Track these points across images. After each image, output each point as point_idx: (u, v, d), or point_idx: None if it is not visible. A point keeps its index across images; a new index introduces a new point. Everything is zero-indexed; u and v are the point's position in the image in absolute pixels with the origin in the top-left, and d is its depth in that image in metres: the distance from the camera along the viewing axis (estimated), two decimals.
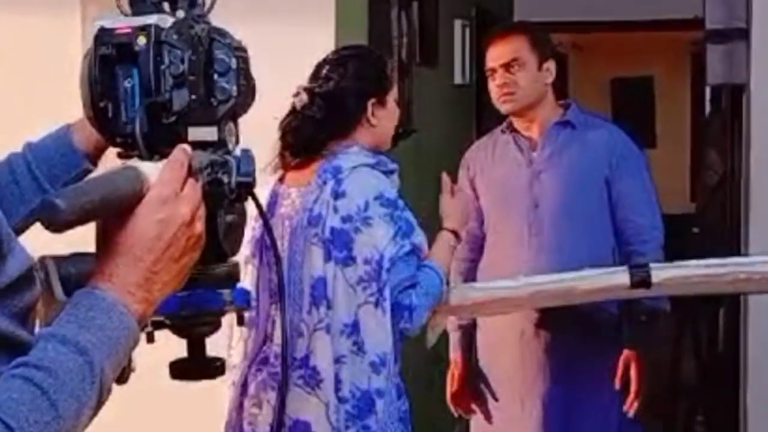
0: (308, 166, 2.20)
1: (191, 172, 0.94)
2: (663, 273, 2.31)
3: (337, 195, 2.12)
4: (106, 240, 0.91)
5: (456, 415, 2.89)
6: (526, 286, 2.40)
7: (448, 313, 2.46)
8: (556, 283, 2.38)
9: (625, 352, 2.67)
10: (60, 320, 0.88)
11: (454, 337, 2.87)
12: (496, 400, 2.78)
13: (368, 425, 2.10)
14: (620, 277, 2.30)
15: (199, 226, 0.94)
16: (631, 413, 2.65)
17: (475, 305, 2.45)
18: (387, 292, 2.08)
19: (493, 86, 2.73)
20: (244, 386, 2.20)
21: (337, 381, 2.10)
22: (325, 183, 2.14)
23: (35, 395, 0.82)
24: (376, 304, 2.08)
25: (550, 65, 2.74)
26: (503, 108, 2.76)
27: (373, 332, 2.09)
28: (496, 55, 2.73)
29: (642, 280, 2.27)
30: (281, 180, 2.26)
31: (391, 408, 2.13)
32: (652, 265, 2.32)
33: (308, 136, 2.19)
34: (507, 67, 2.69)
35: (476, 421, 2.85)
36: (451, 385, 2.84)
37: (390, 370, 2.10)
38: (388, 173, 2.20)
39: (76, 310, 0.88)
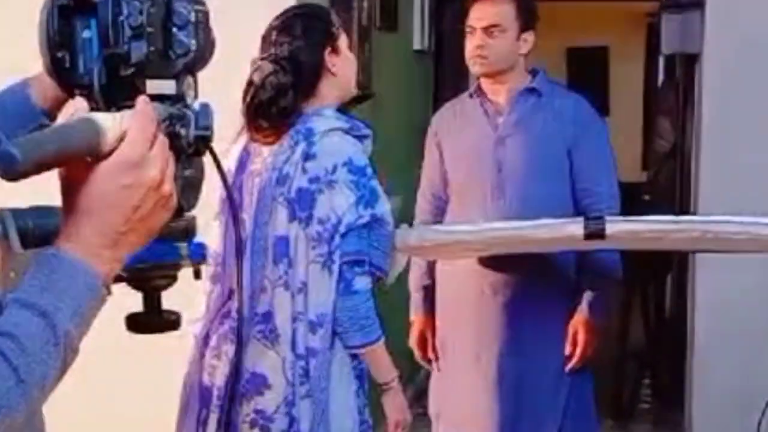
0: (281, 126, 2.20)
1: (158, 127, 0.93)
2: (617, 226, 2.38)
3: (307, 157, 2.13)
4: (71, 199, 0.90)
5: (424, 364, 2.94)
6: (485, 231, 2.45)
7: (408, 253, 2.48)
8: (515, 229, 2.43)
9: (574, 318, 2.73)
10: (23, 284, 0.87)
11: (416, 299, 2.90)
12: (454, 355, 2.82)
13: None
14: (577, 227, 2.36)
15: (168, 187, 0.92)
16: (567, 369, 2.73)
17: (435, 246, 2.47)
18: (337, 256, 2.09)
19: (470, 45, 2.73)
20: (205, 339, 2.23)
21: (295, 338, 2.12)
22: (296, 144, 2.14)
23: None
24: (324, 264, 2.10)
25: (529, 37, 2.74)
26: (473, 68, 2.78)
27: (316, 292, 2.11)
28: (479, 14, 2.72)
29: (597, 232, 2.34)
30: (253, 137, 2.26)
31: (344, 369, 2.15)
32: (607, 218, 2.39)
33: (278, 104, 2.17)
34: (487, 29, 2.70)
35: (435, 372, 2.91)
36: (415, 342, 2.89)
37: (328, 332, 2.10)
38: (361, 138, 2.20)
39: (39, 272, 0.87)
